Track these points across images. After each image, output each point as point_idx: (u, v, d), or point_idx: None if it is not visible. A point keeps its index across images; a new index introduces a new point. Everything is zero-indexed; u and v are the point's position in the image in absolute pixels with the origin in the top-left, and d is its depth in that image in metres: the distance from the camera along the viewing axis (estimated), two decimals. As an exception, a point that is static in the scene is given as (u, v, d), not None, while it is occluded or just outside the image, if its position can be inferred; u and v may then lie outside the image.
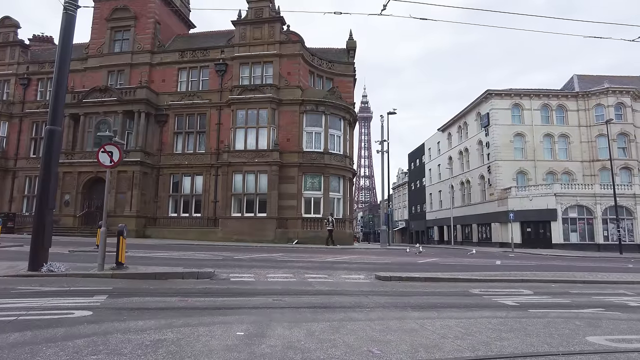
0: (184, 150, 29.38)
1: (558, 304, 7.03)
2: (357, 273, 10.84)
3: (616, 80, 42.11)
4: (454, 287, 9.08)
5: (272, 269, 11.12)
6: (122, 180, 28.00)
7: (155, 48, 31.07)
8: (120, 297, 6.29)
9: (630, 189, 34.97)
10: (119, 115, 28.71)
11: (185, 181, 28.92)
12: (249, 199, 26.61)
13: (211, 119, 28.98)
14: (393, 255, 19.79)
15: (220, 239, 25.70)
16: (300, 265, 12.36)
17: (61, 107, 9.28)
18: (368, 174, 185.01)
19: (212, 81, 29.69)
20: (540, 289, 9.18)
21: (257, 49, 28.64)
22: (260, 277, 9.55)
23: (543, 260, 20.11)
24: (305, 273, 10.34)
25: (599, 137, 39.02)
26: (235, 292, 7.47)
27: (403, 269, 12.22)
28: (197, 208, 28.35)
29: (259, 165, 26.49)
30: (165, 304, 6.00)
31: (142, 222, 27.92)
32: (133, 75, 30.47)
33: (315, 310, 5.76)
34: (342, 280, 9.57)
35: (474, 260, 18.12)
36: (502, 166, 39.18)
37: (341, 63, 31.36)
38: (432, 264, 14.98)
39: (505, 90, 40.68)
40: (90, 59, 31.27)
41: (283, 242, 25.35)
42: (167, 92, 30.04)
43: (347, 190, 28.89)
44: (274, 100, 27.11)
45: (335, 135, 28.31)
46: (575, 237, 34.30)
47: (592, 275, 11.81)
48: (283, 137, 27.31)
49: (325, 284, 8.72)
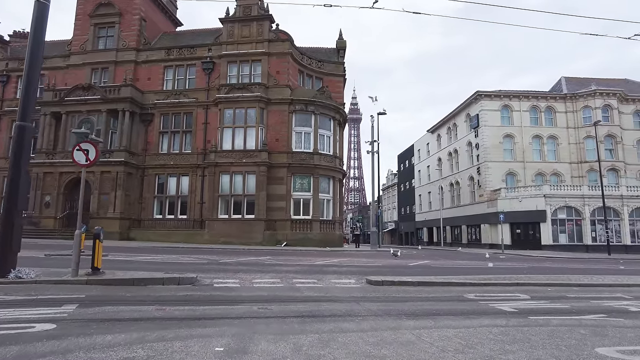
0: (169, 150, 28.69)
1: (558, 310, 6.75)
2: (347, 277, 10.46)
3: (603, 82, 42.55)
4: (448, 292, 8.78)
5: (259, 273, 10.68)
6: (105, 181, 27.22)
7: (141, 45, 30.35)
8: (92, 307, 5.80)
9: (617, 190, 35.26)
10: (102, 114, 27.92)
11: (170, 182, 28.23)
12: (237, 200, 26.05)
13: (198, 118, 28.36)
14: (384, 257, 19.46)
15: (206, 241, 25.09)
16: (288, 269, 11.93)
17: (32, 103, 8.71)
18: (357, 175, 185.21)
19: (199, 80, 29.08)
20: (536, 293, 8.92)
21: (245, 47, 28.13)
22: (246, 282, 9.11)
23: (534, 262, 19.98)
24: (293, 278, 9.92)
25: (586, 139, 39.31)
26: (218, 299, 7.02)
27: (395, 273, 11.87)
28: (183, 209, 27.68)
29: (246, 165, 25.96)
30: (140, 313, 5.54)
31: (126, 224, 27.17)
32: (118, 73, 29.69)
33: (304, 320, 5.36)
34: (332, 285, 9.18)
35: (465, 262, 17.88)
36: (492, 167, 39.23)
37: (331, 62, 31.02)
38: (424, 266, 14.67)
39: (495, 91, 40.78)
40: (73, 55, 30.39)
41: (271, 244, 24.85)
42: (152, 90, 29.33)
43: (337, 191, 28.52)
44: (262, 99, 26.61)
45: (325, 136, 27.91)
46: (564, 238, 34.43)
47: (587, 278, 11.60)
48: (272, 137, 26.83)
49: (314, 290, 8.32)
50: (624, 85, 42.90)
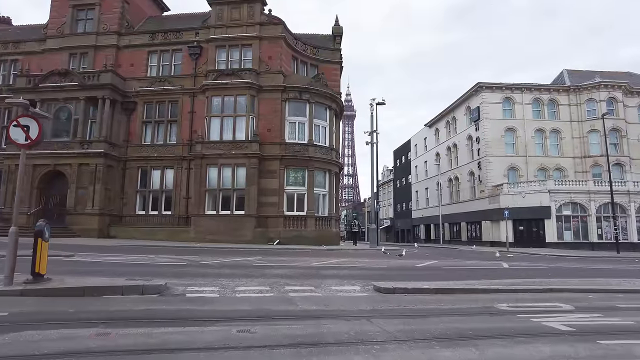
0: (153, 141, 26.66)
1: (623, 328, 5.18)
2: (350, 283, 8.73)
3: (606, 75, 41.12)
4: (474, 301, 7.16)
5: (245, 278, 8.91)
6: (83, 174, 25.17)
7: (123, 29, 28.22)
8: (6, 333, 4.07)
9: (624, 186, 33.88)
10: (80, 102, 25.83)
11: (154, 175, 26.22)
12: (225, 195, 24.15)
13: (184, 106, 26.35)
14: (385, 257, 17.75)
15: (192, 239, 23.20)
16: (280, 272, 10.17)
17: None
18: (351, 172, 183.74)
19: (186, 66, 27.07)
20: (578, 302, 7.35)
21: (235, 30, 26.16)
22: (227, 291, 7.36)
23: (547, 261, 18.42)
24: (285, 284, 8.17)
25: (590, 133, 37.94)
26: (187, 317, 5.28)
27: (404, 277, 10.17)
28: (168, 205, 25.71)
29: (236, 157, 24.06)
30: (71, 344, 3.83)
31: (105, 221, 25.18)
32: (98, 58, 27.55)
33: (299, 352, 3.70)
34: (333, 293, 7.46)
35: (476, 262, 16.25)
36: (493, 162, 37.69)
37: (327, 49, 29.14)
38: (433, 268, 12.99)
39: (496, 83, 39.18)
40: (49, 40, 28.16)
41: (263, 242, 23.05)
42: (135, 77, 27.26)
43: (334, 185, 26.74)
44: (253, 86, 24.68)
45: (321, 126, 26.08)
46: (569, 235, 32.99)
47: (628, 283, 10.01)
48: (263, 127, 24.93)
49: (311, 301, 6.61)
50: (627, 78, 41.56)
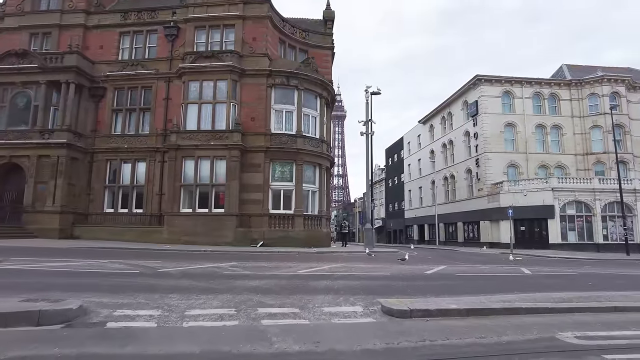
0: (124, 131, 23.97)
1: None
2: (348, 300, 6.33)
3: (607, 69, 39.57)
4: (526, 329, 4.90)
5: (205, 294, 6.47)
6: (43, 167, 22.40)
7: (92, 8, 25.50)
8: None
9: (629, 184, 32.12)
10: (41, 87, 23.05)
11: (124, 169, 23.53)
12: (203, 191, 21.58)
13: (158, 93, 23.71)
14: (384, 261, 15.41)
15: (165, 240, 20.59)
16: (256, 284, 7.73)
17: None
18: (342, 172, 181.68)
19: (161, 48, 24.46)
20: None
21: (216, 9, 23.62)
22: (172, 316, 4.94)
23: (564, 265, 16.30)
24: (259, 304, 5.75)
25: (592, 129, 36.31)
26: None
27: (414, 289, 7.84)
28: (139, 202, 23.05)
29: (215, 149, 21.52)
30: None
31: (69, 220, 22.43)
32: (62, 39, 24.76)
33: None
34: (326, 320, 5.08)
35: (489, 267, 14.01)
36: (492, 159, 35.73)
37: (318, 33, 26.79)
38: (446, 275, 10.69)
39: (495, 76, 37.27)
40: (7, 17, 25.26)
41: (245, 244, 20.56)
42: (105, 60, 24.57)
43: (324, 181, 24.34)
44: (235, 69, 22.17)
45: (310, 116, 23.68)
46: (574, 236, 31.10)
47: None
48: (246, 116, 22.45)
49: (294, 334, 4.23)
50: (629, 73, 40.03)
